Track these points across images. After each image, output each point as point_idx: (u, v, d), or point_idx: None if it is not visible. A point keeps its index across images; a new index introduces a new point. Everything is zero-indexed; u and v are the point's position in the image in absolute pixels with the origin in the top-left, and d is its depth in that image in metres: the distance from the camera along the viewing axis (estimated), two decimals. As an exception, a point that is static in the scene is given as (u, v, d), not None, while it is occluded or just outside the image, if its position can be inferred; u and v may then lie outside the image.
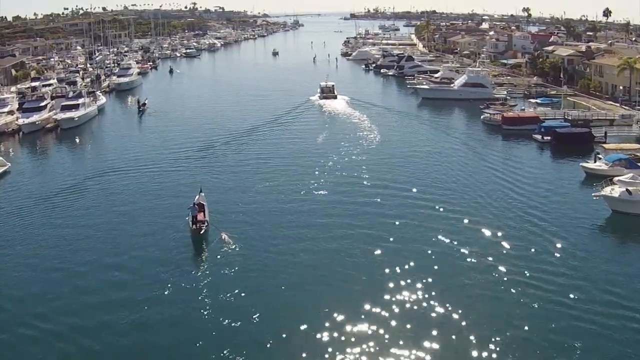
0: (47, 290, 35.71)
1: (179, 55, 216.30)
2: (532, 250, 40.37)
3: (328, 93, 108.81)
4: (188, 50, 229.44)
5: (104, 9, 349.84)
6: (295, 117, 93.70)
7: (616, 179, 48.95)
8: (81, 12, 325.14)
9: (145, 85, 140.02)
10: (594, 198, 48.29)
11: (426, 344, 29.60)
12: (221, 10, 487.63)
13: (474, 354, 28.92)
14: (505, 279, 36.29)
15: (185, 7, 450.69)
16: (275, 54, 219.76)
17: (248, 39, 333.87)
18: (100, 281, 36.69)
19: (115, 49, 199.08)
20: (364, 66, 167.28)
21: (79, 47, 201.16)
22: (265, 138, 77.88)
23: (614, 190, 47.76)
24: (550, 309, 32.76)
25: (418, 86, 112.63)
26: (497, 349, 29.22)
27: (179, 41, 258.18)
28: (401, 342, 29.76)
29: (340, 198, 51.18)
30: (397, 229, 44.13)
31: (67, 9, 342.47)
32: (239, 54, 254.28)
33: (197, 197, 46.72)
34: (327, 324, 31.14)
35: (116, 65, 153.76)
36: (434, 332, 30.51)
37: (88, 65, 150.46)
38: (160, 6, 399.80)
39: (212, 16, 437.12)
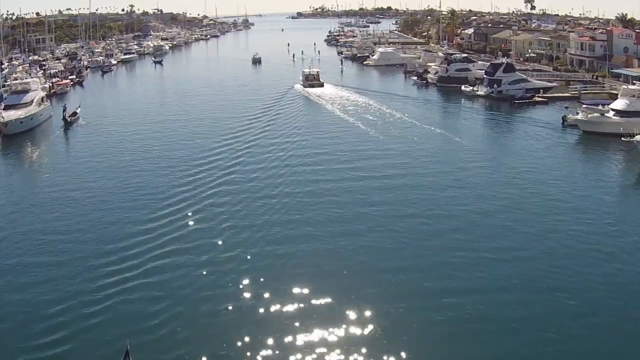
0: None
1: (114, 62, 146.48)
2: None
3: (313, 81, 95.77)
4: (128, 56, 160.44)
5: (37, 14, 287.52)
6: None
7: None
8: (13, 17, 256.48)
9: (55, 121, 73.23)
10: None
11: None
12: (159, 12, 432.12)
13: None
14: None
15: (123, 10, 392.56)
16: (256, 61, 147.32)
17: (199, 40, 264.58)
18: None
19: (33, 57, 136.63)
20: (414, 77, 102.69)
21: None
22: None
23: None
24: None
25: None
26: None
27: (116, 44, 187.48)
28: None
29: None
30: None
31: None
32: (205, 61, 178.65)
33: None
34: None
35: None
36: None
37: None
38: (97, 9, 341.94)
39: (150, 19, 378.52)
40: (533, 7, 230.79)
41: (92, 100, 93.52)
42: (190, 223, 37.39)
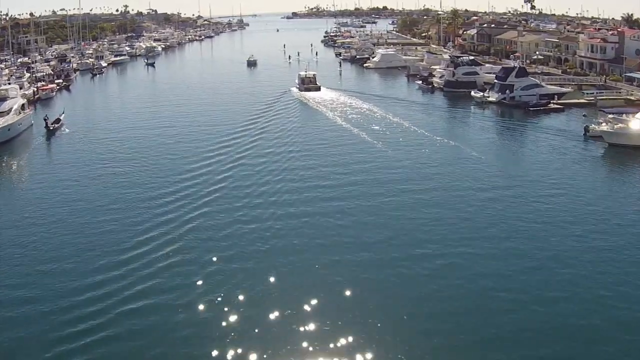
0: None
1: (105, 65, 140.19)
2: None
3: (309, 84, 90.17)
4: (119, 58, 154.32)
5: (31, 14, 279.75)
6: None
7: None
8: (7, 17, 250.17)
9: (37, 130, 68.31)
10: None
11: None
12: (154, 12, 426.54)
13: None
14: None
15: (117, 10, 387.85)
16: (251, 64, 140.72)
17: (193, 41, 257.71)
18: None
19: (23, 59, 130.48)
20: (419, 82, 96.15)
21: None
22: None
23: None
24: None
25: None
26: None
27: (108, 45, 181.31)
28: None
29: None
30: None
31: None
32: (199, 63, 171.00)
33: None
34: None
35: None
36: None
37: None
38: (91, 10, 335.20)
39: (144, 19, 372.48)
40: (533, 7, 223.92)
41: (80, 105, 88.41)
42: (172, 254, 32.43)
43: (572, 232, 34.68)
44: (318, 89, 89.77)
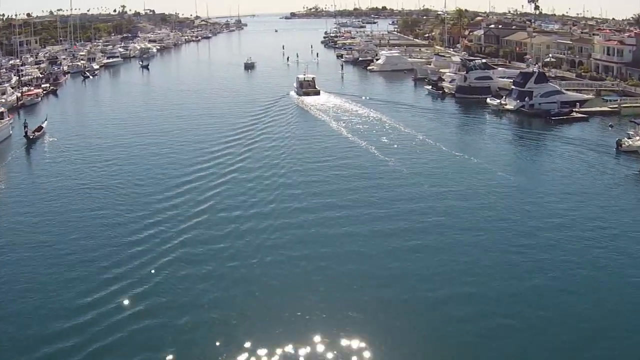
0: None
1: (96, 67, 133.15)
2: None
3: (308, 88, 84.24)
4: (111, 60, 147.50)
5: (28, 15, 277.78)
6: None
7: None
8: (4, 18, 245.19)
9: (16, 139, 62.22)
10: None
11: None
12: (152, 12, 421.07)
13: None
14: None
15: (114, 11, 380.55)
16: (249, 66, 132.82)
17: (190, 42, 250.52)
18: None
19: (15, 61, 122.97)
20: (429, 87, 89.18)
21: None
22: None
23: None
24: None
25: None
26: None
27: (102, 47, 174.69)
28: None
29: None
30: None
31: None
32: (195, 64, 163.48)
33: None
34: None
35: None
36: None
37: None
38: (88, 10, 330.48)
39: (142, 19, 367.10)
40: (537, 7, 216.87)
41: (67, 112, 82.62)
42: (142, 298, 27.10)
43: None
44: (317, 93, 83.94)
